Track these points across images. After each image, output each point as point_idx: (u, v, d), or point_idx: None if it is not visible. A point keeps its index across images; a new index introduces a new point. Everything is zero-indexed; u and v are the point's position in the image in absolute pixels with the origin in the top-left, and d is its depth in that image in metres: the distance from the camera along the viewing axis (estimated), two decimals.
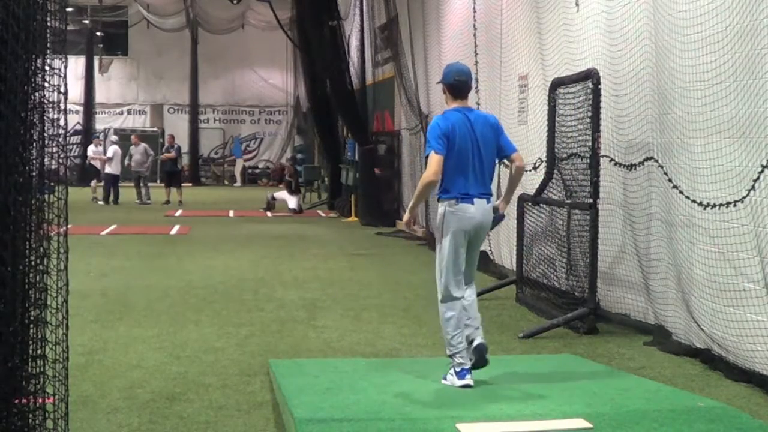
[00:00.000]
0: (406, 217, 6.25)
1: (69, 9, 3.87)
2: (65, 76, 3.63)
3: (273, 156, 36.27)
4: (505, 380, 5.86)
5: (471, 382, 5.62)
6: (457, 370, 5.66)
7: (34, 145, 3.56)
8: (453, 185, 5.64)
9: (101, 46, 35.71)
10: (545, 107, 9.12)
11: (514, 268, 9.90)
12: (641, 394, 5.58)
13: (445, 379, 5.75)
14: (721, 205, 6.57)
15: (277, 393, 5.59)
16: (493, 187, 6.03)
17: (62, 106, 3.64)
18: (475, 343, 5.67)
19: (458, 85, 5.78)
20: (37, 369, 3.65)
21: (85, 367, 6.42)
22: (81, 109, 33.72)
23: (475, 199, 5.64)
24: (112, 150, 23.93)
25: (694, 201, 6.94)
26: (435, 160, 5.59)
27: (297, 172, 23.86)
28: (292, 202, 21.73)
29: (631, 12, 8.02)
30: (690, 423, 4.88)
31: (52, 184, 3.71)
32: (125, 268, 11.84)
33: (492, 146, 5.78)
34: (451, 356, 5.70)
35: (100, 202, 23.71)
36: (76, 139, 33.47)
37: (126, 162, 23.99)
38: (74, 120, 32.41)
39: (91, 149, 25.50)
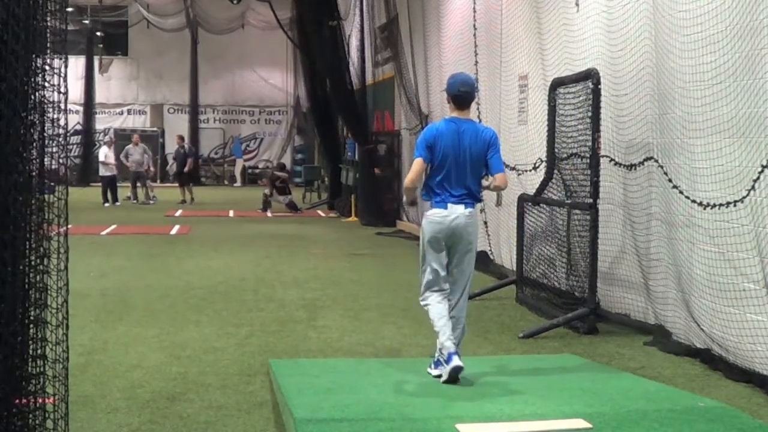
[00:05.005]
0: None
1: (69, 9, 3.86)
2: (65, 76, 3.63)
3: (273, 156, 36.27)
4: (505, 380, 5.86)
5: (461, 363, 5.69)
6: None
7: (34, 144, 3.56)
8: (432, 191, 5.93)
9: (101, 46, 35.70)
10: (545, 107, 9.11)
11: (514, 268, 9.90)
12: (641, 394, 5.58)
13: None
14: (721, 205, 6.57)
15: (277, 393, 5.59)
16: None
17: (62, 105, 3.64)
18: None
19: (461, 96, 5.96)
20: (37, 369, 3.64)
21: (85, 367, 6.42)
22: (81, 109, 33.71)
23: (449, 204, 5.85)
24: (103, 152, 23.88)
25: (694, 201, 6.94)
26: (414, 165, 5.95)
27: (286, 173, 24.18)
28: (281, 198, 22.15)
29: (631, 12, 8.03)
30: (690, 423, 4.88)
31: (53, 184, 3.71)
32: (125, 268, 11.85)
33: (478, 159, 5.94)
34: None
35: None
36: (76, 139, 33.50)
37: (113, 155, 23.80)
38: (74, 120, 32.42)
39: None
